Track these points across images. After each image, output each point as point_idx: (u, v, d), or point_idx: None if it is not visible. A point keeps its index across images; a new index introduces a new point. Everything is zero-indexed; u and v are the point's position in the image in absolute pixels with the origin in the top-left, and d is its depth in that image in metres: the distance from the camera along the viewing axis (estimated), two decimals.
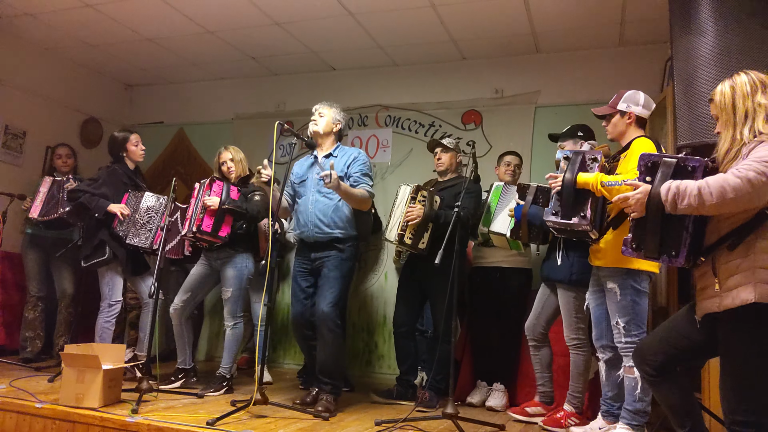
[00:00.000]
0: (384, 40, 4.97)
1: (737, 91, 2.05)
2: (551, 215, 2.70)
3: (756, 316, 1.92)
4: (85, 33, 5.13)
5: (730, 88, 2.07)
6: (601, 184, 2.59)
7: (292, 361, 5.23)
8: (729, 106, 2.05)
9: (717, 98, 2.11)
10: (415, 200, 3.65)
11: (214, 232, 3.63)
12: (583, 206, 2.65)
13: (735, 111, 2.04)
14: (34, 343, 4.59)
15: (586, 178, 2.64)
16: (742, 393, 1.96)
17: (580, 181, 2.64)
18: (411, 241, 3.64)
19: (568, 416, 3.21)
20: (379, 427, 3.00)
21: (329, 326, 3.35)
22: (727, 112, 2.06)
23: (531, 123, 4.95)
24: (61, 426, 2.90)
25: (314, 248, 3.52)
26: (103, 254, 3.84)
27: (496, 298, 3.93)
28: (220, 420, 2.84)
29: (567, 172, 2.69)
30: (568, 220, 2.66)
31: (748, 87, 2.04)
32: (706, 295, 2.06)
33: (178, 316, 3.82)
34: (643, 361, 2.24)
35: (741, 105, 2.03)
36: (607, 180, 2.59)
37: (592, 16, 4.35)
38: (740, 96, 2.04)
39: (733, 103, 2.04)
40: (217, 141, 4.41)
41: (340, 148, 3.64)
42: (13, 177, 5.10)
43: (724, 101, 2.07)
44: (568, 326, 3.27)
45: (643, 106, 2.87)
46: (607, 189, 2.57)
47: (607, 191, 2.58)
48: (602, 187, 2.59)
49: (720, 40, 2.90)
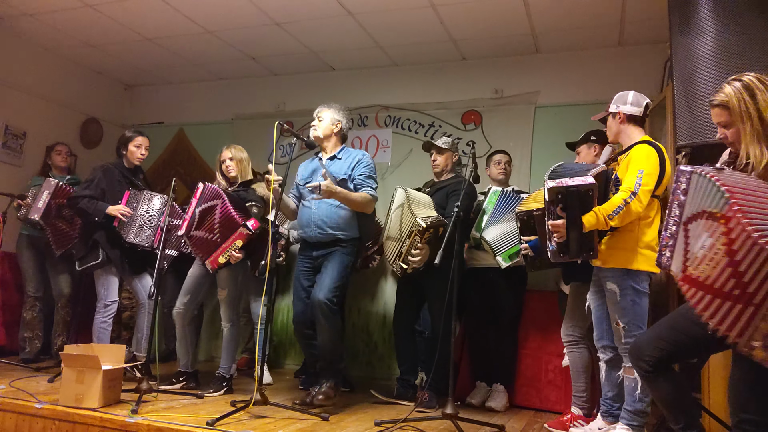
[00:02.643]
0: (384, 41, 4.97)
1: (759, 99, 1.93)
2: (559, 256, 2.64)
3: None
4: (85, 33, 5.13)
5: (750, 95, 1.94)
6: (607, 218, 2.57)
7: (292, 361, 5.23)
8: (755, 116, 1.92)
9: (736, 105, 1.97)
10: (422, 238, 3.51)
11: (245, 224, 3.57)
12: (590, 243, 2.62)
13: (763, 122, 1.91)
14: (33, 343, 4.59)
15: (591, 221, 2.56)
16: (753, 390, 1.93)
17: (588, 225, 2.56)
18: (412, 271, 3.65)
19: (575, 419, 3.20)
20: (379, 428, 3.00)
21: (325, 313, 3.33)
22: (754, 123, 1.92)
23: (531, 123, 4.96)
24: (60, 426, 2.90)
25: (316, 247, 3.53)
26: (96, 258, 3.82)
27: (491, 298, 3.92)
28: (219, 420, 2.84)
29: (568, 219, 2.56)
30: (577, 258, 2.65)
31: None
32: None
33: (181, 318, 3.80)
34: (639, 358, 2.23)
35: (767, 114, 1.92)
36: (610, 211, 2.57)
37: (592, 17, 4.35)
38: (765, 105, 1.92)
39: (758, 113, 1.92)
40: (216, 141, 4.41)
41: (345, 150, 3.63)
42: (13, 177, 5.10)
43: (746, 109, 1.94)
44: (568, 320, 3.28)
45: (632, 104, 2.85)
46: (614, 219, 2.57)
47: (618, 219, 2.58)
48: (610, 220, 2.57)
49: (719, 40, 2.90)
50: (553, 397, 3.83)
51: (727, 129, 2.05)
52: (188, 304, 3.80)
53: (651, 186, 2.63)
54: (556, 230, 2.60)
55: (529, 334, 4.03)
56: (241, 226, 3.54)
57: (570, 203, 2.55)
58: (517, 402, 3.92)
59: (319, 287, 3.40)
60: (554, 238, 2.62)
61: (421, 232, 3.49)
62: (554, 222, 2.60)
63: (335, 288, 3.39)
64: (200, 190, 3.75)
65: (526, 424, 3.43)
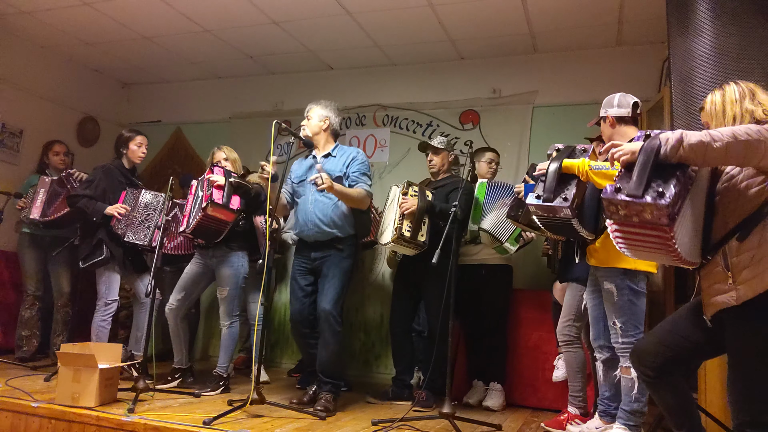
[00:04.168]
0: (382, 40, 4.97)
1: (726, 98, 2.11)
2: (534, 198, 2.57)
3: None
4: (82, 31, 5.12)
5: (720, 96, 2.13)
6: (589, 166, 2.51)
7: (289, 360, 5.22)
8: (719, 112, 2.11)
9: (707, 107, 2.16)
10: (407, 195, 3.65)
11: (225, 204, 3.54)
12: (565, 188, 2.53)
13: (725, 116, 2.09)
14: (30, 342, 4.57)
15: (572, 162, 2.56)
16: (754, 390, 1.93)
17: (566, 164, 2.56)
18: (409, 233, 3.61)
19: (572, 418, 3.21)
20: (376, 427, 3.00)
21: (331, 324, 3.35)
22: (717, 118, 2.11)
23: (528, 123, 4.96)
24: (57, 425, 2.89)
25: (314, 248, 3.53)
26: (101, 254, 3.84)
27: (482, 295, 3.93)
28: (216, 419, 2.83)
29: (554, 159, 2.61)
30: (549, 203, 2.53)
31: (736, 94, 2.10)
32: (716, 291, 2.02)
33: (174, 315, 3.81)
34: (641, 362, 2.24)
35: (730, 110, 2.08)
36: (596, 164, 2.50)
37: (590, 16, 4.35)
38: (729, 102, 2.10)
39: (723, 109, 2.10)
40: (214, 140, 4.41)
41: (339, 147, 3.64)
42: (10, 175, 5.08)
43: (714, 108, 2.13)
44: (564, 320, 3.28)
45: (618, 106, 2.83)
46: (595, 173, 2.48)
47: (594, 174, 2.48)
48: (590, 170, 2.50)
49: (717, 41, 2.90)
50: (551, 396, 3.84)
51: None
52: (182, 301, 3.81)
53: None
54: (541, 170, 2.65)
55: (526, 333, 4.04)
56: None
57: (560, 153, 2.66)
58: (515, 401, 3.93)
59: (324, 297, 3.39)
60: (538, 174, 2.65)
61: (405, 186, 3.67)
62: (541, 165, 2.68)
63: (339, 298, 3.42)
64: (195, 187, 3.77)
65: (523, 423, 3.44)
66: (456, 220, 3.21)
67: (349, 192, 3.42)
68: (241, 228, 3.83)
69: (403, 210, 3.60)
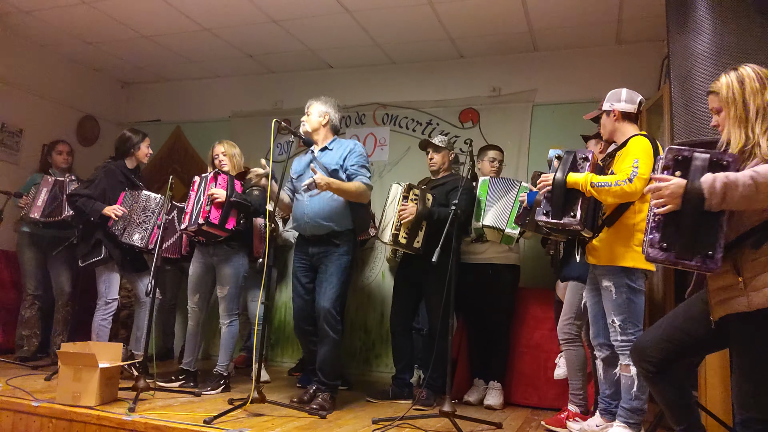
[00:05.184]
0: (381, 38, 4.97)
1: (747, 87, 1.98)
2: (542, 215, 2.71)
3: None
4: (82, 30, 5.12)
5: (739, 82, 1.99)
6: (590, 184, 2.60)
7: (290, 359, 5.22)
8: (740, 102, 1.98)
9: (724, 91, 2.02)
10: (407, 199, 3.65)
11: (221, 224, 3.60)
12: (573, 206, 2.65)
13: (746, 107, 1.96)
14: (31, 341, 4.57)
15: (576, 178, 2.65)
16: (759, 390, 1.90)
17: (570, 181, 2.65)
18: (405, 240, 3.64)
19: (572, 416, 3.21)
20: (377, 426, 3.00)
21: (330, 323, 3.35)
22: (738, 108, 1.98)
23: (528, 121, 4.96)
24: (57, 424, 2.89)
25: (312, 243, 3.52)
26: (100, 254, 3.85)
27: (487, 294, 3.93)
28: (217, 418, 2.83)
29: (558, 171, 2.69)
30: (559, 220, 2.66)
31: (757, 83, 1.97)
32: (727, 295, 1.95)
33: (196, 317, 3.84)
34: (641, 358, 2.23)
35: (752, 102, 1.96)
36: (597, 181, 2.60)
37: (590, 15, 4.35)
38: (750, 92, 1.97)
39: (743, 99, 1.97)
40: (214, 139, 4.39)
41: (336, 141, 3.63)
42: (10, 175, 5.08)
43: (732, 95, 1.99)
44: (564, 318, 3.28)
45: (626, 101, 2.86)
46: (597, 189, 2.59)
47: (596, 192, 2.60)
48: (592, 188, 2.60)
49: (716, 39, 2.90)
50: (551, 395, 3.83)
51: (718, 115, 2.08)
52: (200, 301, 3.84)
53: (647, 175, 2.62)
54: (545, 182, 2.72)
55: (528, 331, 4.04)
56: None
57: (563, 163, 2.71)
58: (515, 400, 3.93)
59: (323, 295, 3.39)
60: (543, 192, 2.72)
61: (405, 189, 3.67)
62: (546, 175, 2.74)
63: (338, 296, 3.41)
64: (197, 183, 3.77)
65: (524, 421, 3.44)
66: (456, 219, 3.21)
67: (347, 187, 3.42)
68: (242, 227, 3.83)
69: (401, 218, 3.60)
